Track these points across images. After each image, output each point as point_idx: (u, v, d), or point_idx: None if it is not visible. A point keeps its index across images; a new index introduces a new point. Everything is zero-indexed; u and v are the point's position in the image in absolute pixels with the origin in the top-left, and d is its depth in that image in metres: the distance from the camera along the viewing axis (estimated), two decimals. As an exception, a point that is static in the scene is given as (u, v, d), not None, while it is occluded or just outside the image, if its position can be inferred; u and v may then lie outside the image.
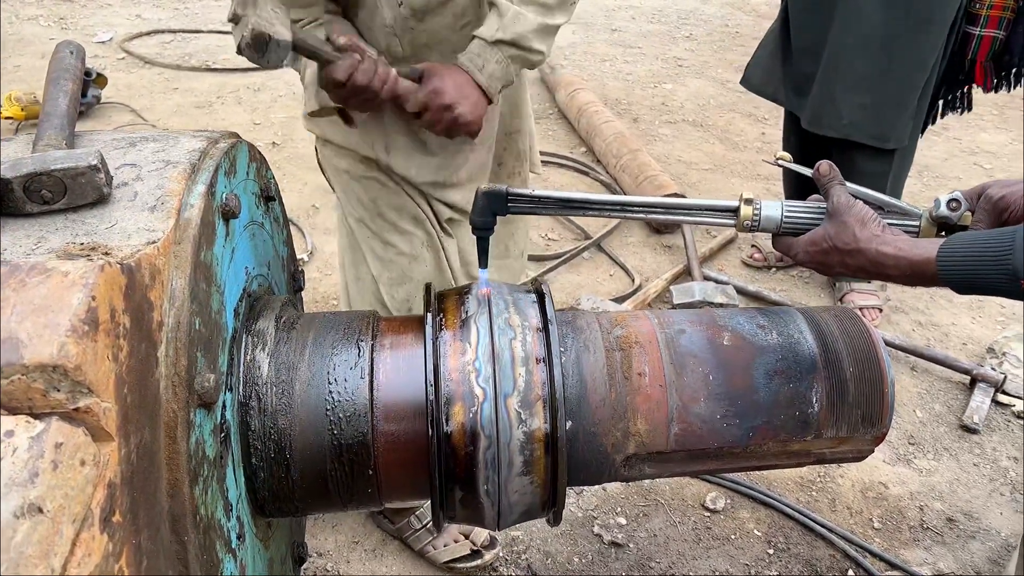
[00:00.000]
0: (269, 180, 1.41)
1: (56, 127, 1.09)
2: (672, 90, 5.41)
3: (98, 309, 0.78)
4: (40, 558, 0.67)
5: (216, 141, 1.19)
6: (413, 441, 1.22)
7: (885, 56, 2.80)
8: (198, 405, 0.98)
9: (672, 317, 1.36)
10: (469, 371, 1.19)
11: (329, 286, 3.24)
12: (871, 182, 3.06)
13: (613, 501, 2.32)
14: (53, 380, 0.73)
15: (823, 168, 1.26)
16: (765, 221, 1.27)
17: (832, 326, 1.34)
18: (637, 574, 2.11)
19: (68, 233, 0.94)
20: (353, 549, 2.15)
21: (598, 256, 3.55)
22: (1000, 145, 4.72)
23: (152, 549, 0.88)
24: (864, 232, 1.18)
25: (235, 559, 1.11)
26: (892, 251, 1.15)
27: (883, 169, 3.00)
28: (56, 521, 0.69)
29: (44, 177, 0.95)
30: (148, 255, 0.91)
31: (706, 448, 1.28)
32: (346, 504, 1.28)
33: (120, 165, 1.08)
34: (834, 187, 1.24)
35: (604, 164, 4.20)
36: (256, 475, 1.19)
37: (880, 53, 2.80)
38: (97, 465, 0.76)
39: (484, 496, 1.20)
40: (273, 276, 1.41)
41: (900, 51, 2.78)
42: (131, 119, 4.54)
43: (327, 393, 1.20)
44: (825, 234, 1.21)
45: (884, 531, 2.29)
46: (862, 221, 1.18)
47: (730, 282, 3.30)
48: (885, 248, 1.16)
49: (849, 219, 1.19)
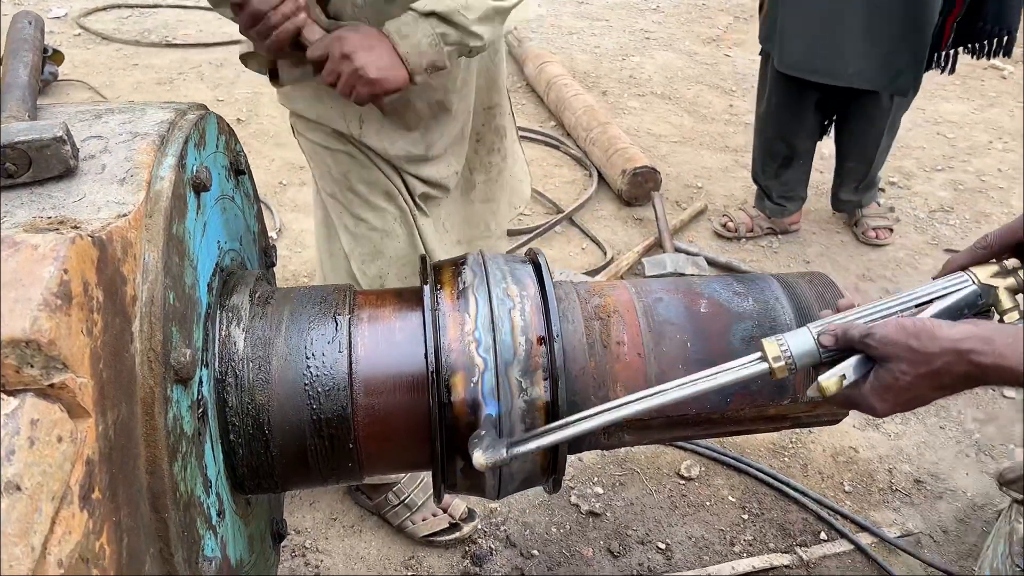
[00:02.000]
0: (239, 153, 1.38)
1: (18, 99, 1.06)
2: (640, 63, 5.40)
3: (71, 283, 0.76)
4: (20, 536, 0.66)
5: (184, 112, 1.16)
6: (394, 414, 1.21)
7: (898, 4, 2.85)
8: (175, 380, 0.96)
9: (650, 286, 1.37)
10: (469, 341, 1.18)
11: (299, 264, 3.21)
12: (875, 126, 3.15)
13: (590, 471, 2.33)
14: (26, 356, 0.71)
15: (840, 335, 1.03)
16: (798, 352, 1.05)
17: (807, 291, 1.35)
18: (615, 542, 2.13)
19: (35, 207, 0.91)
20: (331, 526, 2.14)
21: (570, 230, 3.55)
22: (962, 115, 4.78)
23: (133, 526, 0.87)
24: (944, 333, 0.94)
25: (215, 536, 1.10)
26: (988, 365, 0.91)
27: (885, 113, 3.15)
28: (34, 499, 0.68)
29: (8, 150, 0.92)
30: (119, 228, 0.89)
31: (685, 415, 1.29)
32: (327, 479, 1.27)
33: (86, 137, 1.05)
34: (859, 329, 1.01)
35: (574, 137, 4.19)
36: (235, 452, 1.18)
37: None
38: (74, 442, 0.75)
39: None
40: (245, 251, 1.39)
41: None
42: (90, 96, 4.43)
43: (305, 368, 1.19)
44: (895, 372, 0.97)
45: (855, 494, 2.34)
46: (928, 331, 0.95)
47: (701, 253, 3.32)
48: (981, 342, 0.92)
49: (913, 341, 0.96)
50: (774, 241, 3.53)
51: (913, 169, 4.15)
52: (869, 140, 3.27)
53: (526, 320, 1.21)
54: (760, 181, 3.48)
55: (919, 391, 0.98)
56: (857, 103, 3.18)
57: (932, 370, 0.94)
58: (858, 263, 3.41)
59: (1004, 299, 1.03)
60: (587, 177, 3.92)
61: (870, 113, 3.18)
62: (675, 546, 2.14)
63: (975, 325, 0.95)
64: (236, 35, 1.62)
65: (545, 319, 1.22)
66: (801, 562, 2.11)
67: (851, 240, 3.56)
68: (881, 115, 3.18)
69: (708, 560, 2.11)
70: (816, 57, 2.99)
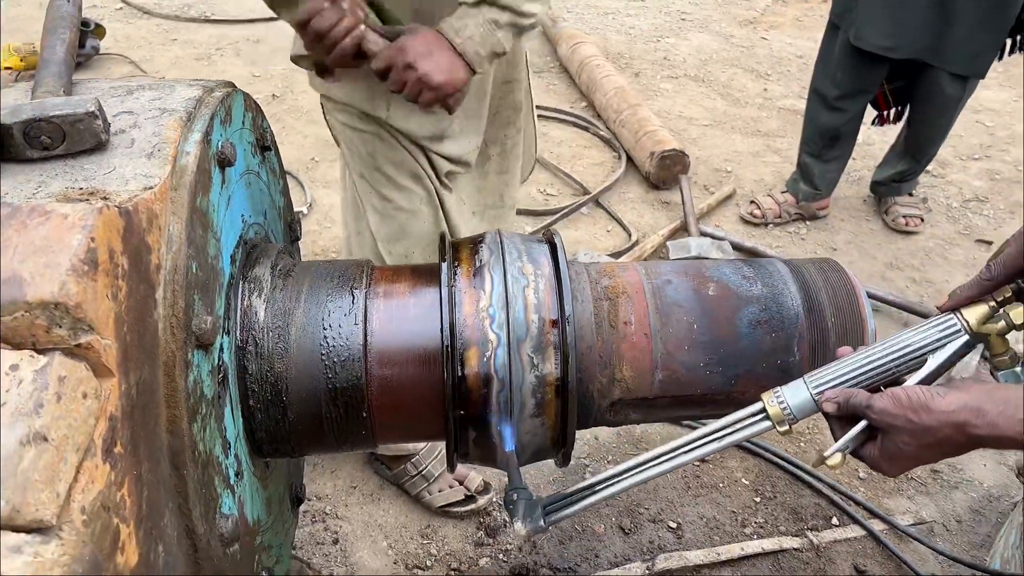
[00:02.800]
0: (265, 130, 1.43)
1: (54, 74, 1.11)
2: (674, 44, 5.37)
3: (97, 250, 0.81)
4: (46, 483, 0.71)
5: (212, 90, 1.21)
6: (407, 385, 1.26)
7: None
8: (196, 346, 1.01)
9: (659, 268, 1.39)
10: (483, 317, 1.22)
11: (328, 239, 3.27)
12: (949, 106, 3.13)
13: (604, 450, 2.37)
14: (55, 317, 0.77)
15: (843, 403, 1.09)
16: (798, 408, 1.11)
17: (816, 277, 1.37)
18: (626, 520, 2.17)
19: (68, 178, 0.96)
20: (351, 493, 2.21)
21: (596, 211, 3.57)
22: (1002, 103, 4.69)
23: (153, 481, 0.92)
24: (938, 406, 0.98)
25: (233, 495, 1.16)
26: (988, 434, 0.95)
27: (960, 94, 3.11)
28: (60, 449, 0.73)
29: (43, 123, 0.97)
30: (145, 200, 0.94)
31: (690, 394, 1.32)
32: (341, 446, 1.32)
33: (118, 112, 1.10)
34: (859, 399, 1.06)
35: (604, 119, 4.19)
36: (254, 416, 1.23)
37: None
38: (99, 398, 0.80)
39: (497, 437, 1.25)
40: (270, 225, 1.44)
41: None
42: (130, 70, 4.53)
43: (322, 339, 1.24)
44: (897, 443, 1.02)
45: (869, 481, 2.35)
46: (923, 403, 0.99)
47: (727, 238, 3.32)
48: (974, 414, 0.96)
49: (910, 413, 1.00)
50: (802, 227, 3.51)
51: (949, 157, 4.09)
52: (939, 124, 3.25)
53: (539, 298, 1.25)
54: (803, 160, 3.46)
55: (925, 458, 1.03)
56: (926, 85, 3.12)
57: (934, 441, 0.99)
58: (886, 251, 3.38)
59: (996, 344, 1.08)
60: (615, 159, 3.93)
61: (945, 94, 3.11)
62: (686, 525, 2.17)
63: (967, 392, 0.98)
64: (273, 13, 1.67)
65: (558, 298, 1.25)
66: (811, 546, 2.13)
67: (880, 228, 3.54)
68: (952, 98, 3.13)
69: (718, 540, 2.14)
70: (895, 34, 2.97)
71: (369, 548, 2.08)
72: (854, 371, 1.12)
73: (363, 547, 2.08)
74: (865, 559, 2.12)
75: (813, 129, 3.39)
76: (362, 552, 2.06)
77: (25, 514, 0.70)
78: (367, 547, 2.08)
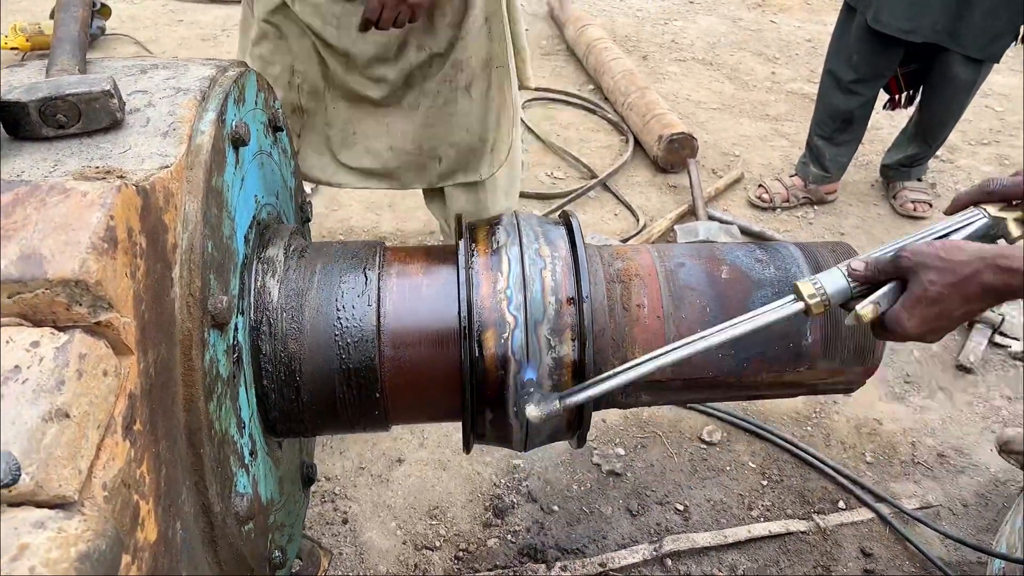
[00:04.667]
0: (276, 110, 1.43)
1: (68, 52, 1.11)
2: (682, 27, 5.33)
3: (116, 228, 0.81)
4: (68, 459, 0.72)
5: (225, 69, 1.20)
6: (420, 366, 1.26)
7: None
8: (212, 325, 1.02)
9: (672, 251, 1.39)
10: (501, 299, 1.22)
11: (335, 221, 3.27)
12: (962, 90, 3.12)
13: (612, 432, 2.38)
14: (75, 294, 0.77)
15: (871, 261, 1.11)
16: (834, 294, 1.11)
17: (829, 261, 1.36)
18: (634, 502, 2.18)
19: (84, 157, 0.97)
20: (360, 474, 2.22)
21: (603, 195, 3.56)
22: (1013, 88, 4.66)
23: (170, 459, 0.93)
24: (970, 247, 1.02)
25: (248, 473, 1.16)
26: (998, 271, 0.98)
27: (975, 79, 3.10)
28: (82, 426, 0.74)
29: (59, 101, 0.97)
30: (162, 179, 0.94)
31: (702, 377, 1.32)
32: (354, 426, 1.33)
33: (132, 91, 1.10)
34: (888, 256, 1.09)
35: (612, 102, 4.17)
36: (267, 396, 1.24)
37: None
38: (118, 376, 0.80)
39: (514, 418, 1.25)
40: (282, 206, 1.44)
41: None
42: (136, 51, 4.51)
43: (335, 319, 1.24)
44: (924, 282, 1.03)
45: (876, 465, 2.36)
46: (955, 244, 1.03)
47: (735, 222, 3.31)
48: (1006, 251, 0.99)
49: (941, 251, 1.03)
50: (810, 212, 3.50)
51: (958, 143, 4.07)
52: (951, 109, 3.24)
53: (556, 280, 1.25)
54: (814, 142, 3.44)
55: (947, 303, 1.02)
56: (941, 69, 3.11)
57: (961, 278, 1.00)
58: (894, 236, 3.37)
59: (1013, 228, 1.11)
60: (623, 142, 3.91)
61: (959, 79, 3.10)
62: (693, 508, 2.18)
63: (996, 244, 1.02)
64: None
65: (575, 280, 1.25)
66: (818, 528, 2.13)
67: (888, 213, 3.52)
68: (966, 83, 3.11)
69: (725, 523, 2.15)
70: (914, 16, 2.95)
71: (378, 528, 2.09)
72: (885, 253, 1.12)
73: (372, 527, 2.09)
74: (872, 542, 2.13)
75: (826, 111, 3.37)
76: (371, 532, 2.08)
77: (48, 490, 0.70)
78: (376, 527, 2.09)
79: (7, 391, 0.71)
